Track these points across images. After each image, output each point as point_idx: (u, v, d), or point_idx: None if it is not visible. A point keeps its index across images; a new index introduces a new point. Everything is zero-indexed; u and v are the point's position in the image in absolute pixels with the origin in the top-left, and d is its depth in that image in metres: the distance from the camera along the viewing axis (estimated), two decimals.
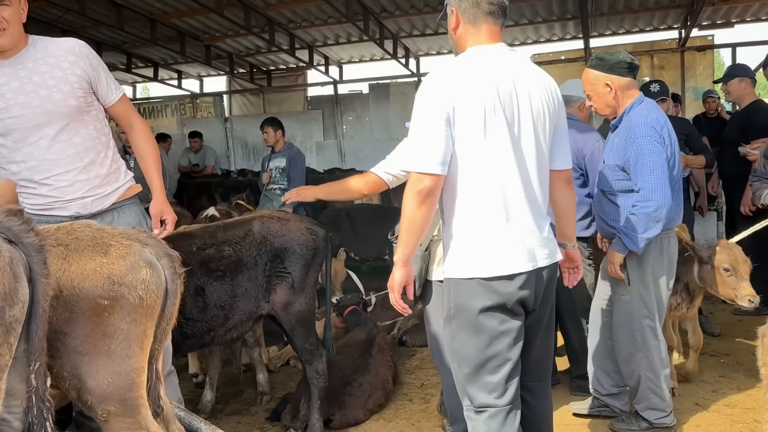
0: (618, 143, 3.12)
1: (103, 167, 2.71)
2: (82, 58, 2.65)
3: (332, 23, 9.73)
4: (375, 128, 12.63)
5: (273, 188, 6.75)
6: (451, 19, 2.32)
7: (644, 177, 2.96)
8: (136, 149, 2.89)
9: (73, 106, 2.60)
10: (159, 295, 2.14)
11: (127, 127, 2.87)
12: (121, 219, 2.75)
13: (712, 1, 8.83)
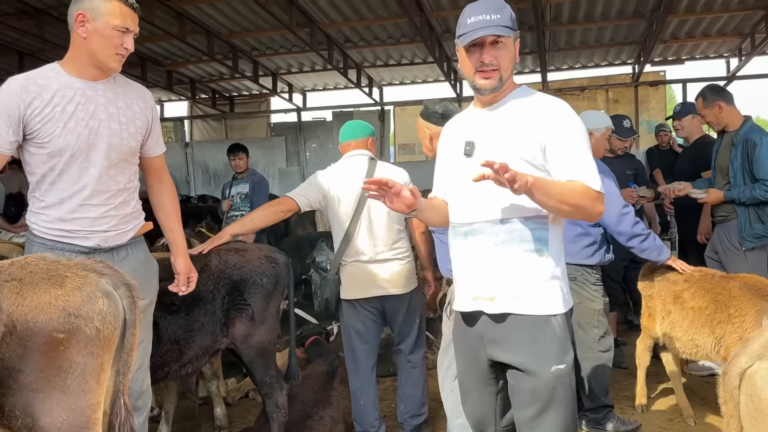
0: None
1: (129, 206, 2.72)
2: (149, 108, 2.75)
3: (296, 52, 9.79)
4: (338, 155, 12.63)
5: (234, 215, 6.68)
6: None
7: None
8: (161, 205, 2.91)
9: (133, 148, 2.67)
10: (117, 326, 2.09)
11: (157, 182, 2.89)
12: (133, 254, 2.75)
13: (664, 39, 9.21)
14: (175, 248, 2.90)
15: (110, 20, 2.48)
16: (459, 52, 2.16)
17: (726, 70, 10.62)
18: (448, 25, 8.79)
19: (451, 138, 2.30)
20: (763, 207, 4.03)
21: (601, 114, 4.14)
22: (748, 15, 8.48)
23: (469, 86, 2.17)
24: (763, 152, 3.97)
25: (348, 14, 8.26)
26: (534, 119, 2.08)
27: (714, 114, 4.27)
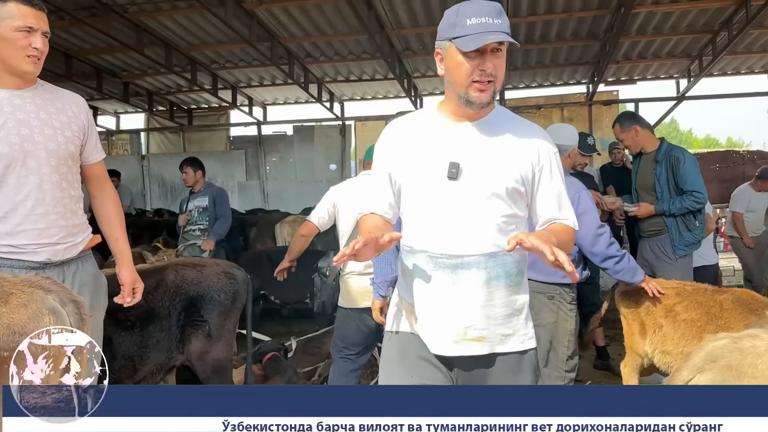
0: None
1: (76, 216, 2.65)
2: (83, 112, 2.69)
3: (256, 65, 9.76)
4: (299, 170, 12.63)
5: (192, 229, 6.56)
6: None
7: None
8: (104, 215, 2.83)
9: (72, 152, 2.61)
10: None
11: (99, 191, 2.82)
12: (84, 268, 2.67)
13: (617, 60, 9.51)
14: (119, 259, 2.82)
15: (10, 23, 2.42)
16: (450, 57, 1.87)
17: (676, 91, 11.01)
18: (408, 42, 8.89)
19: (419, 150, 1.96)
20: (690, 217, 4.33)
21: (572, 129, 4.09)
22: (696, 38, 8.83)
23: (458, 98, 1.88)
24: (687, 167, 4.28)
25: (309, 29, 8.28)
26: (526, 146, 1.94)
27: (631, 137, 4.52)
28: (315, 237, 8.78)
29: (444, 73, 1.92)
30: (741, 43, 8.71)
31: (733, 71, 10.67)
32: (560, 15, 7.70)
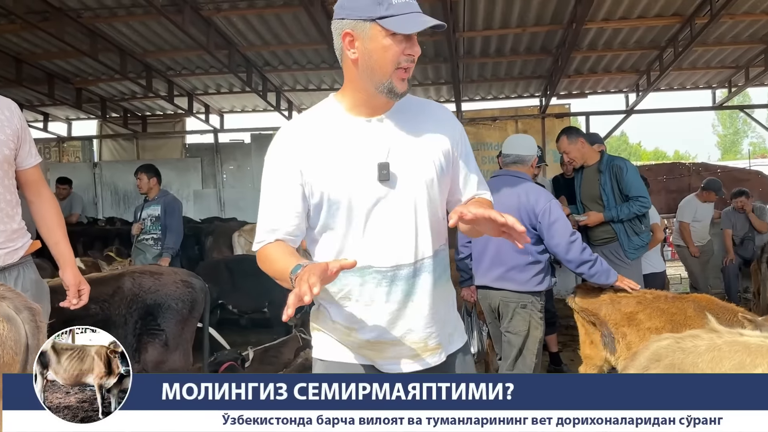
0: None
1: (14, 222, 2.63)
2: (15, 116, 2.65)
3: (214, 73, 9.69)
4: (257, 178, 12.52)
5: (145, 239, 6.46)
6: None
7: None
8: (42, 219, 2.79)
9: (7, 156, 2.58)
10: (18, 351, 2.01)
11: (36, 197, 2.79)
12: (25, 274, 2.66)
13: (568, 74, 9.81)
14: (62, 261, 2.79)
15: None
16: (373, 40, 1.64)
17: (625, 105, 11.40)
18: None
19: (338, 154, 1.72)
20: (636, 221, 4.59)
21: (531, 139, 4.21)
22: (644, 54, 9.17)
23: (377, 87, 1.69)
24: (630, 175, 4.58)
25: (267, 38, 8.28)
26: (442, 128, 1.79)
27: (577, 149, 4.75)
28: None
29: (358, 58, 1.66)
30: (686, 60, 9.10)
31: (679, 86, 11.12)
32: (514, 30, 7.91)
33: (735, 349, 1.79)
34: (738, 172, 10.72)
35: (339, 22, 1.67)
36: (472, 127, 10.79)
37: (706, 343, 1.84)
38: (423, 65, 9.47)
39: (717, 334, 1.87)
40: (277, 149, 1.76)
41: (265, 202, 1.77)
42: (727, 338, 1.84)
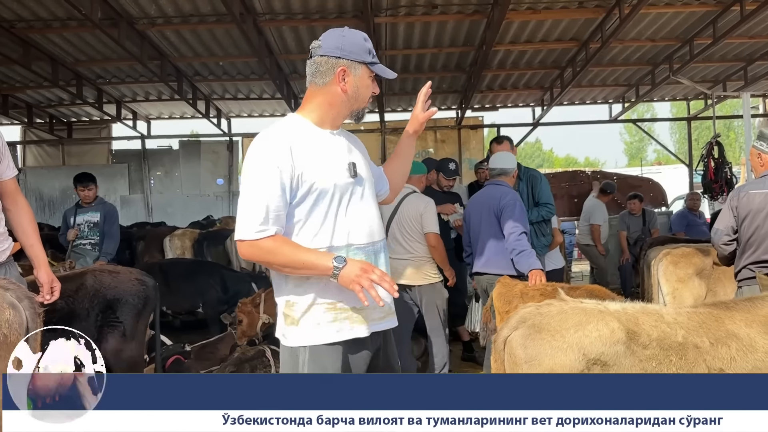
0: None
1: (0, 227, 2.97)
2: None
3: (144, 81, 9.91)
4: (185, 184, 12.76)
5: (83, 243, 6.64)
6: None
7: None
8: (19, 225, 3.13)
9: None
10: (21, 333, 2.43)
11: (13, 205, 3.13)
12: (10, 272, 2.99)
13: (481, 89, 10.68)
14: (36, 262, 3.16)
15: None
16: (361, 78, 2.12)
17: (532, 117, 12.43)
18: (295, 66, 9.48)
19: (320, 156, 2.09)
20: (543, 225, 5.31)
21: (513, 157, 4.99)
22: (547, 73, 10.14)
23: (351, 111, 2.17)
24: (543, 184, 5.35)
25: (199, 50, 8.62)
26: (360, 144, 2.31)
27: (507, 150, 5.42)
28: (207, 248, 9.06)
29: (346, 88, 2.10)
30: (584, 78, 10.12)
31: (579, 101, 12.26)
32: (431, 50, 8.64)
33: (576, 311, 2.45)
34: (632, 179, 11.87)
35: (335, 60, 2.10)
36: (394, 136, 11.50)
37: (557, 308, 2.49)
38: None
39: (564, 302, 2.54)
40: (266, 151, 2.04)
41: (257, 195, 2.01)
42: (572, 305, 2.51)
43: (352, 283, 1.95)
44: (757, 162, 3.94)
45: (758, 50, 9.25)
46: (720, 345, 2.30)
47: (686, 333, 2.33)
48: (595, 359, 2.28)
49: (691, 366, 2.26)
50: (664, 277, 4.78)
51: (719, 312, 2.44)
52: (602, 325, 2.34)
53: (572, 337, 2.32)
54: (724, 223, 3.94)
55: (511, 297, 4.40)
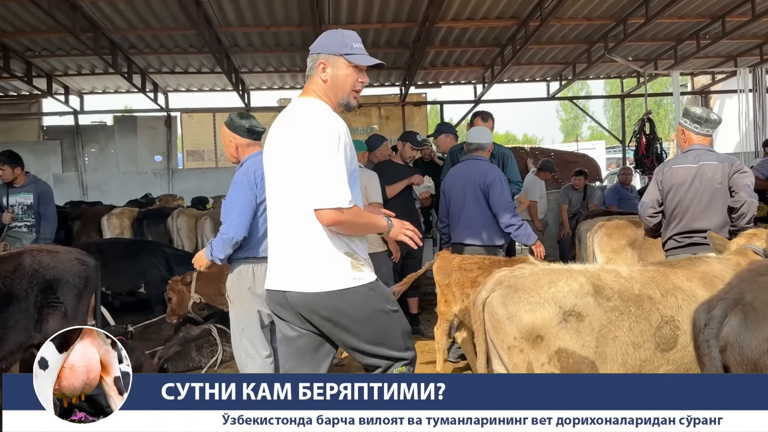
0: None
1: None
2: None
3: (76, 54, 9.51)
4: (121, 161, 12.38)
5: (18, 226, 6.37)
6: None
7: (229, 214, 3.54)
8: None
9: None
10: None
11: None
12: None
13: (424, 66, 10.74)
14: None
15: None
16: (340, 68, 2.44)
17: (474, 95, 12.60)
18: (235, 39, 9.29)
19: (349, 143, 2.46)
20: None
21: (489, 132, 5.12)
22: (488, 50, 10.29)
23: (339, 101, 2.46)
24: (513, 161, 5.55)
25: (134, 22, 8.34)
26: None
27: (489, 127, 5.56)
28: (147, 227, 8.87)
29: (328, 79, 2.45)
30: (524, 56, 10.32)
31: (519, 79, 12.50)
32: (375, 25, 8.62)
33: (546, 272, 2.66)
34: (568, 155, 12.24)
35: (316, 55, 2.48)
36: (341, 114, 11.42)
37: (528, 270, 2.71)
38: (291, 53, 9.95)
39: (535, 266, 2.77)
40: (336, 129, 2.38)
41: (339, 168, 2.35)
42: (542, 267, 2.76)
43: (400, 234, 2.56)
44: (682, 138, 4.18)
45: (687, 30, 9.65)
46: (669, 296, 2.60)
47: (641, 286, 2.62)
48: (570, 311, 2.52)
49: (647, 314, 2.55)
50: (599, 248, 5.01)
51: (665, 269, 2.76)
52: (572, 281, 2.59)
53: (547, 293, 2.55)
54: (650, 196, 4.17)
55: (450, 270, 4.60)
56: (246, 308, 3.64)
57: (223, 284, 5.07)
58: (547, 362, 2.46)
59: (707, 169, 3.93)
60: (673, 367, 2.54)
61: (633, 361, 2.53)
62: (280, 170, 2.49)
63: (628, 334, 2.53)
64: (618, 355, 2.52)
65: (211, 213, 8.17)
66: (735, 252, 2.92)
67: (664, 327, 2.54)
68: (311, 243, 2.40)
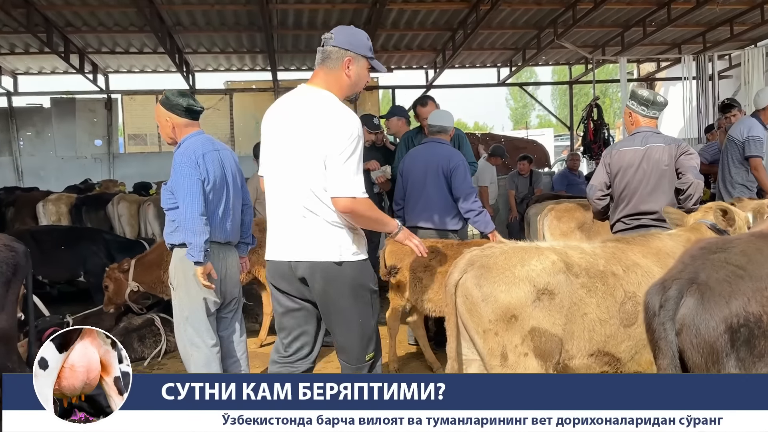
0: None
1: None
2: None
3: (7, 32, 8.99)
4: (59, 145, 11.83)
5: None
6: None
7: (181, 197, 3.38)
8: None
9: None
10: None
11: None
12: None
13: (375, 50, 10.49)
14: None
15: None
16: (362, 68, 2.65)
17: (425, 80, 12.54)
18: (178, 17, 8.94)
19: None
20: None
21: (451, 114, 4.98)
22: (440, 34, 10.23)
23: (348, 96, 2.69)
24: (467, 143, 5.49)
25: None
26: None
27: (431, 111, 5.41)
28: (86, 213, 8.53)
29: (352, 76, 2.63)
30: (474, 41, 10.31)
31: (470, 65, 12.50)
32: (324, 5, 8.44)
33: (516, 250, 2.61)
34: (518, 141, 12.38)
35: (344, 51, 2.62)
36: None
37: (499, 249, 2.65)
38: (238, 33, 9.66)
39: (504, 245, 2.74)
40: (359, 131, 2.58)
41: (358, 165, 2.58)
42: (511, 245, 2.71)
43: (407, 239, 2.83)
44: (629, 121, 4.18)
45: (634, 17, 9.81)
46: (630, 272, 2.62)
47: (605, 262, 2.62)
48: (543, 289, 2.48)
49: (612, 290, 2.55)
50: (549, 231, 5.01)
51: (622, 245, 2.76)
52: (543, 259, 2.56)
53: (520, 272, 2.50)
54: (598, 179, 4.17)
55: (402, 254, 4.53)
56: (191, 296, 3.47)
57: (163, 271, 4.89)
58: (521, 343, 2.42)
59: (654, 152, 3.94)
60: (633, 343, 2.55)
61: (599, 337, 2.52)
62: (296, 152, 2.65)
63: (596, 310, 2.53)
64: (585, 332, 2.51)
65: (154, 199, 7.88)
66: (688, 228, 2.92)
67: (627, 303, 2.55)
68: (321, 219, 2.65)
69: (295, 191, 2.66)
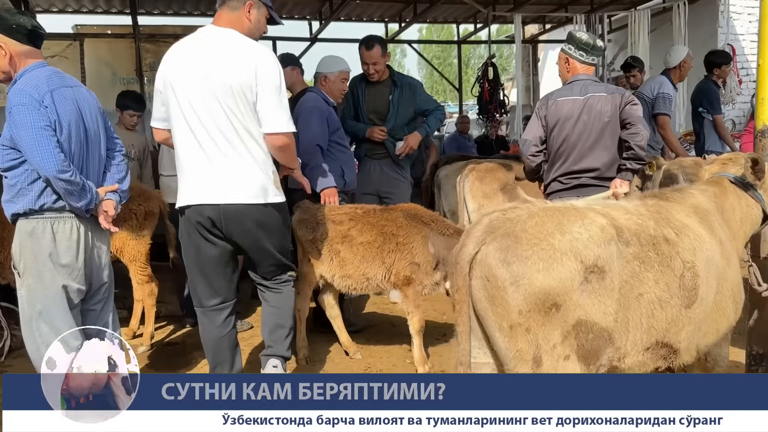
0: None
1: None
2: None
3: None
4: None
5: None
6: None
7: (28, 151, 2.62)
8: None
9: None
10: None
11: None
12: None
13: None
14: None
15: None
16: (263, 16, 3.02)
17: (309, 32, 11.55)
18: None
19: None
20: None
21: (341, 60, 4.54)
22: None
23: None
24: (423, 90, 5.00)
25: None
26: None
27: (385, 61, 4.86)
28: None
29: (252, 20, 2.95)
30: None
31: (356, 18, 11.67)
32: None
33: (548, 211, 1.94)
34: None
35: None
36: (153, 45, 9.83)
37: (524, 211, 1.94)
38: None
39: (531, 204, 2.01)
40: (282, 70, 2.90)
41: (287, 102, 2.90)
42: (540, 206, 1.99)
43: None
44: (565, 68, 3.73)
45: None
46: (682, 235, 2.07)
47: (654, 224, 2.06)
48: (593, 265, 1.84)
49: (667, 260, 1.97)
50: (471, 194, 4.50)
51: (664, 203, 2.21)
52: (589, 223, 1.90)
53: (560, 242, 1.84)
54: (533, 133, 3.68)
55: (314, 223, 3.84)
56: (45, 283, 2.72)
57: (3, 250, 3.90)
58: (561, 342, 1.83)
59: (596, 102, 3.50)
60: (692, 328, 2.00)
61: (659, 325, 1.94)
62: (216, 92, 2.68)
63: (654, 288, 1.94)
64: (643, 319, 1.92)
65: None
66: (709, 182, 2.43)
67: (686, 275, 1.98)
68: (248, 161, 2.78)
69: (220, 133, 2.70)
